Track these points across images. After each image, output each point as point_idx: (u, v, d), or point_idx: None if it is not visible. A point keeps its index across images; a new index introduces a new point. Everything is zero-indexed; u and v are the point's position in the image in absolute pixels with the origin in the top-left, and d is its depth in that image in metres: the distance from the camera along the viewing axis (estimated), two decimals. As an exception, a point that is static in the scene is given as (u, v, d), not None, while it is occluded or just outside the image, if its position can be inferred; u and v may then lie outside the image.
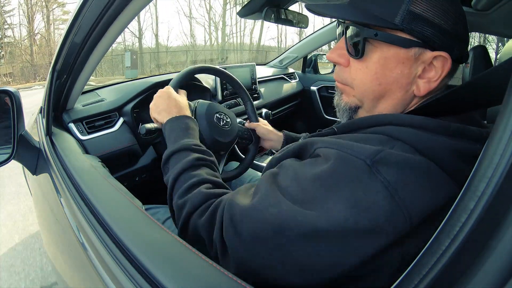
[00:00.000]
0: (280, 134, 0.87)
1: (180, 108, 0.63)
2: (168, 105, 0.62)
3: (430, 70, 0.37)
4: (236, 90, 0.92)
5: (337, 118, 0.48)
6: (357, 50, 0.39)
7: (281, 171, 0.37)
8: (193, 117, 0.65)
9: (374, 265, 0.30)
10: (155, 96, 0.65)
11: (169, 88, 0.67)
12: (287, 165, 0.38)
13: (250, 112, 0.93)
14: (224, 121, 0.83)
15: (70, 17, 0.62)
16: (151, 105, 0.65)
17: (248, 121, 0.94)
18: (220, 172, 0.88)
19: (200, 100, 0.83)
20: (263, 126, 0.89)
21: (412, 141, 0.33)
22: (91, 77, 0.78)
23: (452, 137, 0.33)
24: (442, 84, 0.39)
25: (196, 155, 0.52)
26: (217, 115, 0.82)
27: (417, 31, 0.35)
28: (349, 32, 0.40)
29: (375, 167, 0.30)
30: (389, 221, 0.29)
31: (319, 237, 0.30)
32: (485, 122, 0.41)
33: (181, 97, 0.67)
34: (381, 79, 0.39)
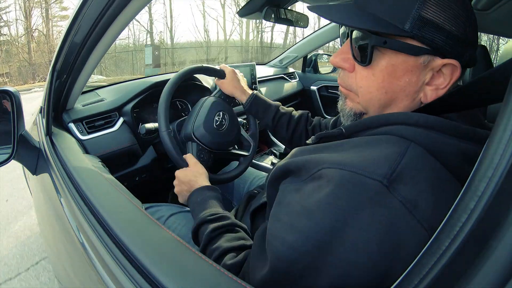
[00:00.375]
0: (248, 91, 0.85)
1: (190, 183, 0.66)
2: (181, 188, 0.67)
3: (439, 77, 0.36)
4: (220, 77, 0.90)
5: None
6: (364, 57, 0.37)
7: (283, 209, 0.35)
8: (207, 183, 0.66)
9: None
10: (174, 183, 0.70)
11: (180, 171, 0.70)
12: (286, 198, 0.35)
13: (211, 69, 0.91)
14: (224, 121, 0.84)
15: (70, 17, 0.62)
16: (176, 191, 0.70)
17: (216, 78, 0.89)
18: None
19: (210, 97, 0.86)
20: (227, 82, 0.85)
21: (426, 143, 0.32)
22: (102, 77, 0.79)
23: (461, 139, 0.32)
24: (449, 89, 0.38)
25: (212, 226, 0.50)
26: (217, 117, 0.83)
27: (428, 38, 0.33)
28: (355, 36, 0.37)
29: (392, 187, 0.29)
30: (412, 239, 0.28)
31: (349, 268, 0.29)
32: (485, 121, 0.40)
33: (191, 167, 0.70)
34: (387, 88, 0.37)
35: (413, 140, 0.32)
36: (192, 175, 0.68)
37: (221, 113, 0.84)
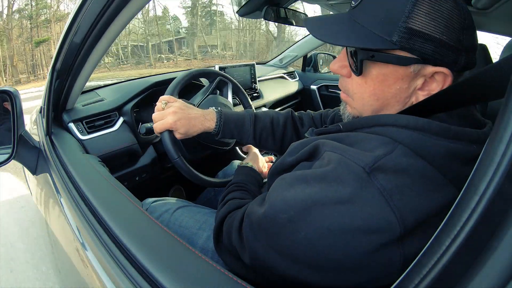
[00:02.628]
0: (208, 113, 0.70)
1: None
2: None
3: (432, 83, 0.37)
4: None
5: None
6: (356, 67, 0.39)
7: (288, 176, 0.39)
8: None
9: (374, 262, 0.31)
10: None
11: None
12: (295, 171, 0.40)
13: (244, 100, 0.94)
14: None
15: (69, 17, 0.62)
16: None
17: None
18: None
19: (204, 100, 0.84)
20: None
21: (413, 144, 0.33)
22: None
23: (451, 140, 0.33)
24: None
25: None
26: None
27: (417, 48, 0.34)
28: (349, 48, 0.40)
29: (373, 174, 0.32)
30: (382, 222, 0.30)
31: (326, 235, 0.32)
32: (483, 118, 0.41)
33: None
34: (379, 95, 0.39)
35: (401, 142, 0.34)
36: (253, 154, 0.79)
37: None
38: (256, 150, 0.83)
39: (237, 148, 1.07)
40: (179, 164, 0.70)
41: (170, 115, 0.63)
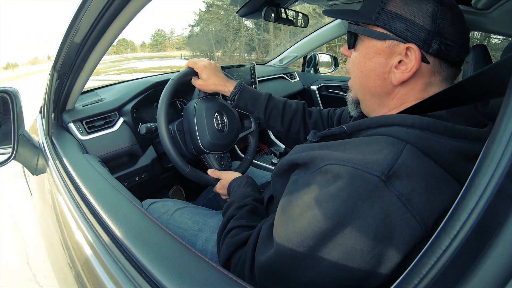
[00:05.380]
0: (232, 82, 0.78)
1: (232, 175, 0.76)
2: (223, 192, 0.77)
3: (406, 63, 0.41)
4: None
5: None
6: (350, 43, 0.47)
7: (292, 199, 0.38)
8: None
9: (403, 266, 0.32)
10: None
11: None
12: (295, 189, 0.39)
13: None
14: (221, 125, 0.83)
15: (70, 17, 0.62)
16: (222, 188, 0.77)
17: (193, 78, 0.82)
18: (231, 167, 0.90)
19: (198, 101, 0.84)
20: (205, 80, 0.79)
21: (420, 144, 0.34)
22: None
23: (455, 139, 0.35)
24: (435, 87, 0.42)
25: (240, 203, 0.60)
26: (217, 114, 0.82)
27: (389, 25, 0.41)
28: (348, 29, 0.47)
29: (389, 182, 0.32)
30: (406, 229, 0.31)
31: (352, 254, 0.32)
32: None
33: (223, 179, 0.78)
34: (362, 67, 0.45)
35: (408, 141, 0.35)
36: (227, 181, 0.75)
37: (217, 115, 0.84)
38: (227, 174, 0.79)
39: (235, 146, 1.07)
40: (191, 175, 0.76)
41: (204, 62, 0.79)
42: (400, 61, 0.41)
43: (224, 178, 0.77)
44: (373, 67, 0.44)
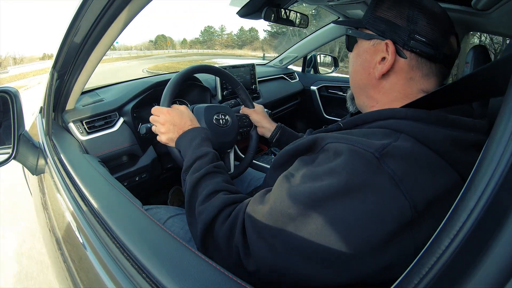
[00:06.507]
0: (274, 123, 0.92)
1: (194, 120, 0.69)
2: (182, 119, 0.67)
3: (388, 59, 0.45)
4: (222, 78, 0.91)
5: (337, 118, 0.51)
6: (348, 46, 0.54)
7: (294, 172, 0.40)
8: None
9: (388, 250, 0.32)
10: (160, 119, 0.67)
11: (174, 108, 0.70)
12: (299, 166, 0.41)
13: (245, 98, 0.93)
14: (223, 120, 0.84)
15: (70, 17, 0.62)
16: (161, 129, 0.67)
17: (243, 106, 0.95)
18: (231, 170, 0.89)
19: (196, 105, 0.84)
20: (257, 112, 0.93)
21: (413, 132, 0.37)
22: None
23: (449, 128, 0.37)
24: (418, 82, 0.45)
25: (214, 163, 0.57)
26: (216, 116, 0.83)
27: (374, 26, 0.47)
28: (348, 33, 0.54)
29: (383, 160, 0.34)
30: (395, 206, 0.32)
31: (339, 225, 0.33)
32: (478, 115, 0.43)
33: (187, 111, 0.71)
34: (354, 64, 0.52)
35: (403, 131, 0.37)
36: (190, 114, 0.69)
37: (220, 114, 0.84)
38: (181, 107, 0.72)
39: (236, 147, 1.07)
40: None
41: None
42: (383, 58, 0.46)
43: (169, 113, 0.67)
44: (361, 63, 0.50)
